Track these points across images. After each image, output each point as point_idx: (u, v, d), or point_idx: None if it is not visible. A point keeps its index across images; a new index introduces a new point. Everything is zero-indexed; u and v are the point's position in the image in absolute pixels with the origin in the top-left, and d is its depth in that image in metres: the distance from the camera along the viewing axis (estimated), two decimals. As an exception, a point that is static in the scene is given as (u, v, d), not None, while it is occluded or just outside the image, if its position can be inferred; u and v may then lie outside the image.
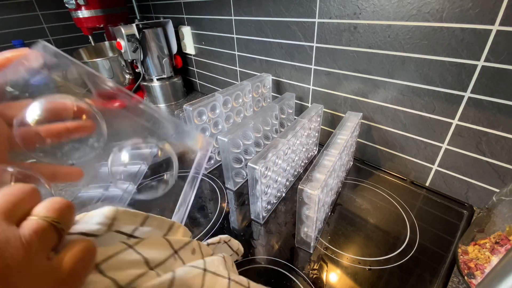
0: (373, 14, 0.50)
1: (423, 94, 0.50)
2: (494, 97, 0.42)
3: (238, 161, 0.58)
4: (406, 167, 0.59)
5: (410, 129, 0.55)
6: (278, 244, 0.46)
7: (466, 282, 0.37)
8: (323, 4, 0.57)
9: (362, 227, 0.48)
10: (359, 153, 0.67)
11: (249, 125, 0.57)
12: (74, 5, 0.93)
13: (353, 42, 0.55)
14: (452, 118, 0.48)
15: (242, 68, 0.89)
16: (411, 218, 0.49)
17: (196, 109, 0.57)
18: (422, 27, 0.45)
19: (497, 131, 0.44)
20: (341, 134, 0.50)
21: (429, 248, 0.44)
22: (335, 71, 0.62)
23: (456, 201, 0.53)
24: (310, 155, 0.67)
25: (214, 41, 0.94)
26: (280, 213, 0.53)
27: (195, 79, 1.18)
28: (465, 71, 0.43)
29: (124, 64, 1.03)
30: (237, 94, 0.65)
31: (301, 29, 0.64)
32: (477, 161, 0.48)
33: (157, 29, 0.96)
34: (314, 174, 0.40)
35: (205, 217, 0.53)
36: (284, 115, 0.71)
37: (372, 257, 0.43)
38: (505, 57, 0.39)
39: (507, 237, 0.36)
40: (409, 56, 0.48)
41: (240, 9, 0.76)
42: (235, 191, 0.59)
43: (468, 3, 0.40)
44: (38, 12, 1.16)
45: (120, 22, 0.93)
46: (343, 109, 0.65)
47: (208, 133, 0.62)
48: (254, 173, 0.43)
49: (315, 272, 0.41)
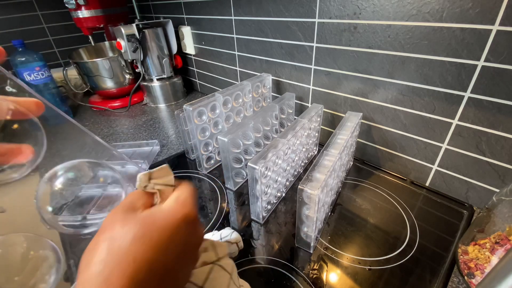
0: (373, 14, 0.50)
1: (423, 94, 0.50)
2: (494, 97, 0.42)
3: (238, 161, 0.58)
4: (406, 167, 0.59)
5: (410, 129, 0.55)
6: (278, 244, 0.46)
7: (466, 282, 0.37)
8: (323, 4, 0.57)
9: (362, 227, 0.48)
10: (359, 153, 0.67)
11: (249, 125, 0.57)
12: (74, 5, 0.93)
13: (353, 42, 0.56)
14: (452, 118, 0.48)
15: (242, 68, 0.89)
16: (411, 218, 0.49)
17: (196, 109, 0.57)
18: (422, 27, 0.45)
19: (497, 131, 0.44)
20: (341, 134, 0.50)
21: (429, 248, 0.44)
22: (335, 71, 0.62)
23: (456, 201, 0.53)
24: (310, 155, 0.67)
25: (214, 41, 0.94)
26: (280, 213, 0.53)
27: (195, 79, 1.18)
28: (465, 71, 0.43)
29: (124, 64, 1.03)
30: (237, 94, 0.65)
31: (301, 29, 0.64)
32: (477, 161, 0.48)
33: (157, 29, 0.96)
34: (314, 174, 0.40)
35: (205, 217, 0.53)
36: (284, 115, 0.71)
37: (372, 257, 0.43)
38: (505, 57, 0.39)
39: (507, 237, 0.36)
40: (409, 56, 0.48)
41: (240, 9, 0.76)
42: (235, 191, 0.59)
43: (468, 3, 0.40)
44: (38, 12, 1.16)
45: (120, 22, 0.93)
46: (343, 109, 0.65)
47: (208, 133, 0.62)
48: (254, 173, 0.43)
49: (315, 272, 0.41)
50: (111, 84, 1.02)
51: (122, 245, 0.18)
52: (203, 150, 0.63)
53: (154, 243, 0.19)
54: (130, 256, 0.18)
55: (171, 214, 0.21)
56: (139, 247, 0.18)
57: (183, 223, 0.21)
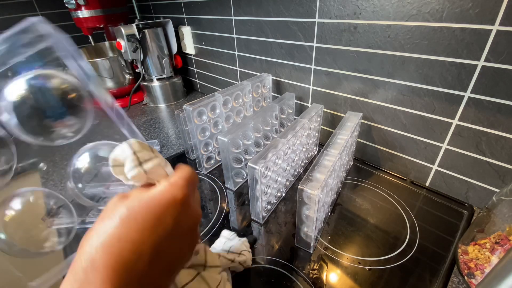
0: (373, 14, 0.50)
1: (423, 94, 0.50)
2: (494, 97, 0.42)
3: (238, 161, 0.58)
4: (406, 167, 0.59)
5: (410, 129, 0.55)
6: (278, 244, 0.46)
7: (466, 282, 0.37)
8: (323, 4, 0.57)
9: (362, 227, 0.48)
10: (359, 153, 0.67)
11: (249, 125, 0.57)
12: (74, 5, 0.93)
13: (353, 42, 0.56)
14: (452, 118, 0.48)
15: (242, 68, 0.89)
16: (411, 218, 0.49)
17: (196, 109, 0.57)
18: (422, 27, 0.45)
19: (497, 131, 0.44)
20: (341, 134, 0.50)
21: (429, 248, 0.44)
22: (335, 71, 0.62)
23: (456, 201, 0.53)
24: (310, 155, 0.67)
25: (214, 41, 0.94)
26: (280, 213, 0.53)
27: (195, 79, 1.18)
28: (465, 71, 0.43)
29: (124, 64, 1.03)
30: (237, 94, 0.65)
31: (301, 29, 0.64)
32: (477, 161, 0.48)
33: (157, 29, 0.96)
34: (314, 174, 0.40)
35: (205, 217, 0.53)
36: (284, 115, 0.71)
37: (372, 257, 0.43)
38: (505, 57, 0.39)
39: (507, 237, 0.36)
40: (409, 56, 0.48)
41: (240, 9, 0.76)
42: (235, 191, 0.59)
43: (468, 3, 0.40)
44: (38, 12, 1.16)
45: (120, 22, 0.93)
46: (343, 109, 0.65)
47: (208, 133, 0.62)
48: (254, 173, 0.43)
49: (315, 272, 0.41)
50: (111, 84, 1.02)
51: (108, 226, 0.19)
52: (203, 150, 0.63)
53: (140, 224, 0.19)
54: (115, 236, 0.19)
55: (158, 195, 0.21)
56: (125, 228, 0.19)
57: (171, 203, 0.21)
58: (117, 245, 0.18)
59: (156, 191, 0.21)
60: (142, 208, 0.20)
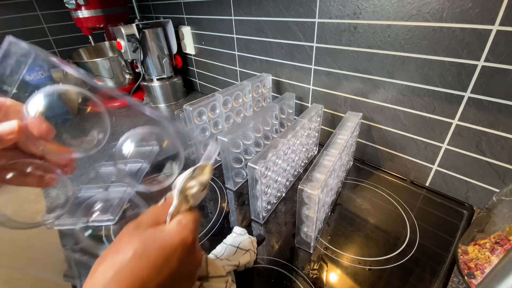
0: (373, 14, 0.50)
1: (423, 94, 0.50)
2: (494, 97, 0.42)
3: (238, 161, 0.58)
4: (406, 167, 0.59)
5: (410, 129, 0.55)
6: (278, 244, 0.46)
7: (466, 282, 0.37)
8: (323, 4, 0.57)
9: (362, 227, 0.48)
10: (359, 153, 0.67)
11: (249, 125, 0.57)
12: (74, 5, 0.93)
13: (353, 42, 0.55)
14: (452, 118, 0.48)
15: (242, 68, 0.89)
16: (411, 218, 0.49)
17: (196, 109, 0.57)
18: (422, 27, 0.45)
19: (497, 131, 0.44)
20: (341, 134, 0.50)
21: (429, 248, 0.44)
22: (335, 71, 0.62)
23: (456, 201, 0.53)
24: (310, 155, 0.67)
25: (214, 41, 0.94)
26: (280, 213, 0.53)
27: (195, 79, 1.18)
28: (465, 71, 0.43)
29: (124, 64, 1.03)
30: (237, 94, 0.65)
31: (301, 29, 0.64)
32: (477, 161, 0.48)
33: (157, 29, 0.96)
34: (314, 174, 0.40)
35: (205, 217, 0.53)
36: (284, 115, 0.71)
37: (372, 257, 0.43)
38: (505, 57, 0.39)
39: (507, 237, 0.36)
40: (409, 56, 0.48)
41: (240, 9, 0.76)
42: (235, 191, 0.59)
43: (468, 3, 0.40)
44: (38, 12, 1.16)
45: (120, 22, 0.93)
46: (343, 109, 0.65)
47: (208, 133, 0.62)
48: (254, 173, 0.43)
49: (315, 272, 0.41)
50: (111, 84, 1.02)
51: (123, 260, 0.20)
52: (203, 150, 0.63)
53: (151, 262, 0.21)
54: (128, 271, 0.20)
55: (171, 235, 0.22)
56: (137, 263, 0.20)
57: (180, 246, 0.22)
58: (129, 279, 0.20)
59: (170, 233, 0.23)
60: (156, 248, 0.21)
